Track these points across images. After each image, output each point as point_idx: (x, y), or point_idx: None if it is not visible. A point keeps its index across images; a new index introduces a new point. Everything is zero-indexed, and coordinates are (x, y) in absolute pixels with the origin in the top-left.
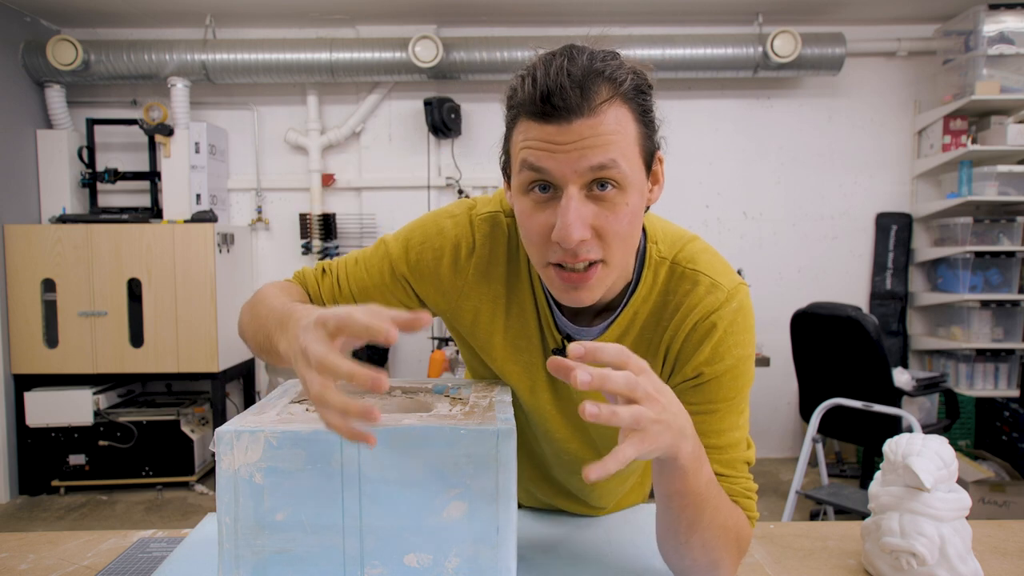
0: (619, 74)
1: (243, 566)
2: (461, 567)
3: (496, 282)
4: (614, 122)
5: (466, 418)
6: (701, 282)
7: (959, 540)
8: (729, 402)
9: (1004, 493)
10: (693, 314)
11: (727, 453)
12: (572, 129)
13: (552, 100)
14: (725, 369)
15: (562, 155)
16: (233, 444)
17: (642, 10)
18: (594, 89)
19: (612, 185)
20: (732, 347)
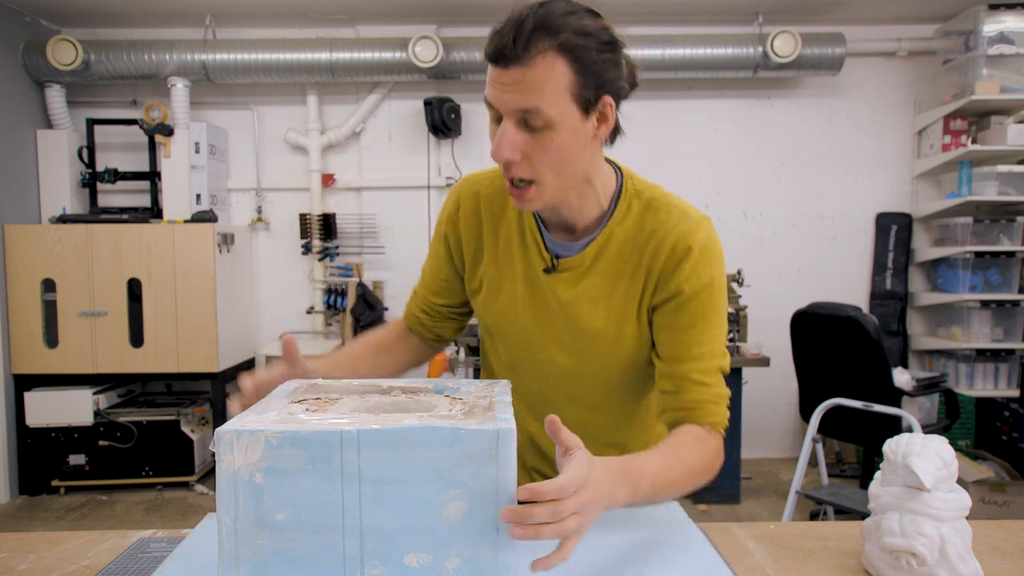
0: (562, 29)
1: (243, 566)
2: (461, 567)
3: (482, 223)
4: (544, 73)
5: (466, 418)
6: (672, 212)
7: (959, 540)
8: (707, 319)
9: (1004, 493)
10: (670, 238)
11: (705, 362)
12: (508, 73)
13: (499, 48)
14: (702, 286)
15: (500, 93)
16: (233, 444)
17: (642, 10)
18: (533, 42)
19: (539, 123)
20: (707, 266)
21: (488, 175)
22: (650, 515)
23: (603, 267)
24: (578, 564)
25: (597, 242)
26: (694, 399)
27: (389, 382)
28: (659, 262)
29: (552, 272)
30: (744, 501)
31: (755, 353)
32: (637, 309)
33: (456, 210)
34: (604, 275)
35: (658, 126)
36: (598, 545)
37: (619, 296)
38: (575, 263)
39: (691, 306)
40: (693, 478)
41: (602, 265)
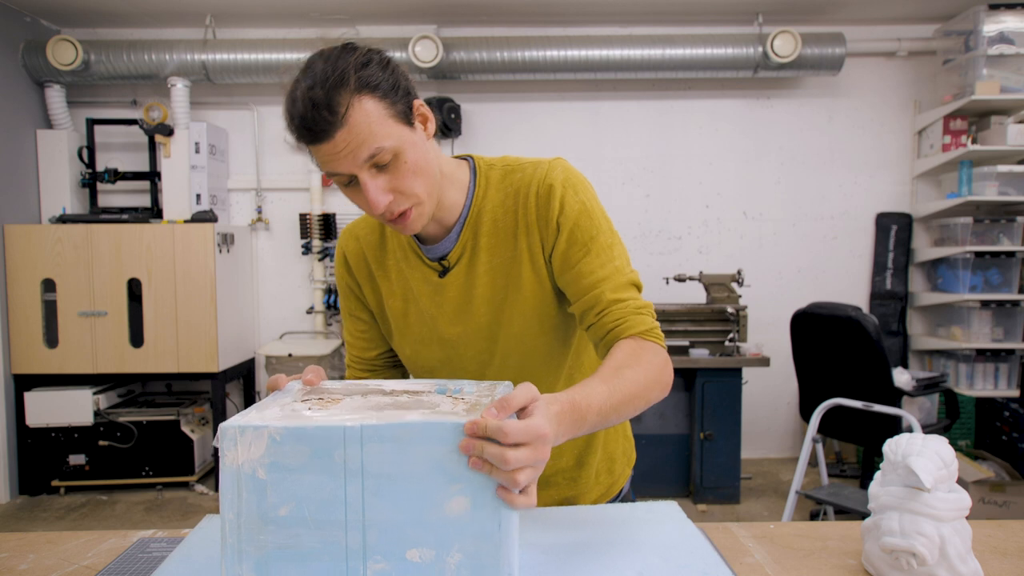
0: (347, 75)
1: (246, 561)
2: (463, 562)
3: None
4: (362, 119)
5: (468, 414)
6: (527, 167)
7: (959, 540)
8: (597, 242)
9: (1004, 493)
10: (532, 187)
11: (615, 279)
12: (336, 142)
13: (311, 127)
14: (577, 212)
15: (341, 160)
16: (237, 440)
17: (642, 10)
18: (335, 102)
19: (387, 160)
20: (573, 194)
21: (361, 219)
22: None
23: (484, 241)
24: (579, 563)
25: (469, 222)
26: (616, 316)
27: (391, 384)
28: (531, 210)
29: (446, 272)
30: (744, 501)
31: (755, 353)
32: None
33: (344, 264)
34: (488, 249)
35: (658, 126)
36: (598, 545)
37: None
38: (459, 252)
39: (577, 235)
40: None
41: (483, 240)
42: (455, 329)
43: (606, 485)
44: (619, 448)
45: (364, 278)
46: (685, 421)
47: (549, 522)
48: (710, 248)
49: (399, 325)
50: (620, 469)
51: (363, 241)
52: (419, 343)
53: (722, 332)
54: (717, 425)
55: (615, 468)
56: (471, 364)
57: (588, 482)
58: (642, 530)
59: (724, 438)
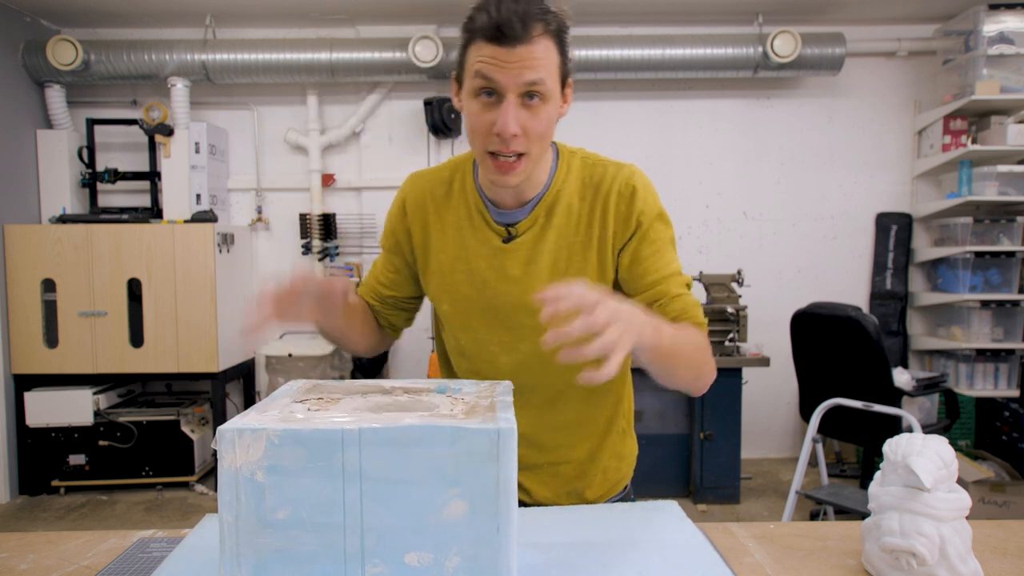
0: (549, 17)
1: (244, 564)
2: (461, 566)
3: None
4: (543, 51)
5: (467, 417)
6: (607, 165)
7: (959, 540)
8: (665, 242)
9: (1004, 493)
10: (616, 184)
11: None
12: (515, 52)
13: (504, 29)
14: (655, 215)
15: (507, 70)
16: (235, 442)
17: (642, 10)
18: (532, 24)
19: (538, 96)
20: (652, 199)
21: (430, 170)
22: (650, 515)
23: (557, 221)
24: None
25: (546, 200)
26: (679, 307)
27: (391, 382)
28: (611, 206)
29: (511, 240)
30: (744, 501)
31: (755, 353)
32: (598, 254)
33: (402, 206)
34: (559, 229)
35: (658, 126)
36: (598, 545)
37: (578, 246)
38: (528, 224)
39: (651, 235)
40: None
41: (556, 219)
42: (504, 300)
43: (612, 481)
44: (627, 448)
45: (418, 225)
46: (685, 421)
47: (549, 522)
48: (710, 248)
49: (443, 280)
50: (625, 469)
51: (428, 189)
52: (462, 302)
53: (722, 332)
54: (717, 425)
55: (622, 467)
56: (509, 334)
57: (596, 476)
58: (642, 530)
59: (724, 438)
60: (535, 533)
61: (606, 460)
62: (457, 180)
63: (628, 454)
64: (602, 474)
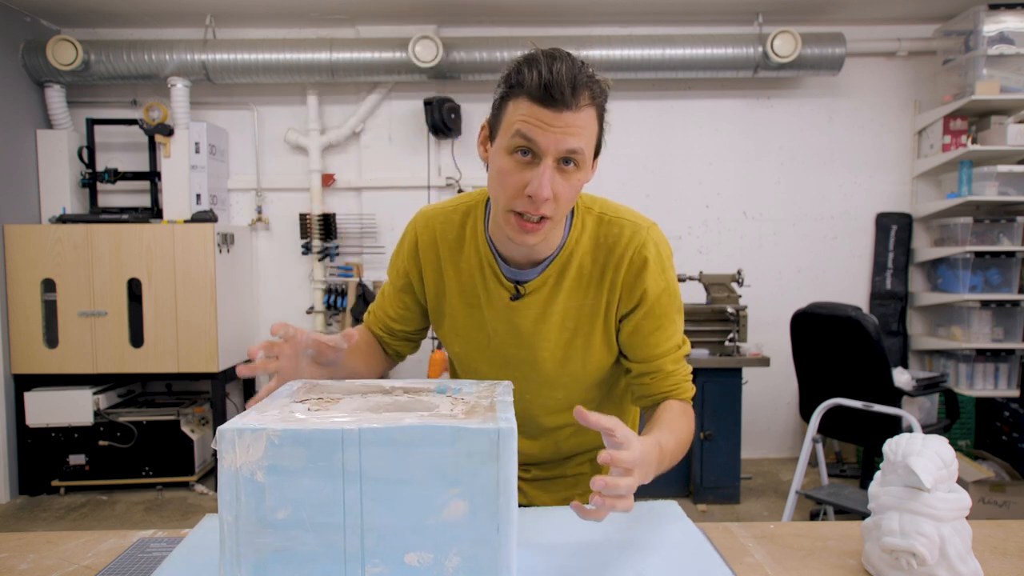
0: (595, 87)
1: (244, 564)
2: (461, 566)
3: (440, 258)
4: (587, 120)
5: (467, 417)
6: (624, 225)
7: (959, 540)
8: (669, 318)
9: (1004, 493)
10: (628, 251)
11: (675, 353)
12: (561, 117)
13: (553, 92)
14: (662, 289)
15: (550, 134)
16: (235, 442)
17: (642, 10)
18: (581, 92)
19: (574, 163)
20: (663, 271)
21: (441, 210)
22: (650, 515)
23: (568, 283)
24: (579, 563)
25: (559, 261)
26: (673, 383)
27: (391, 382)
28: (620, 275)
29: (519, 298)
30: (744, 501)
31: (755, 353)
32: (604, 319)
33: (415, 244)
34: (569, 291)
35: (658, 126)
36: (599, 544)
37: (587, 309)
38: (538, 284)
39: (656, 310)
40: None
41: (567, 282)
42: (513, 352)
43: None
44: None
45: (430, 268)
46: None
47: (549, 522)
48: (710, 248)
49: (455, 325)
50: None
51: (440, 231)
52: (473, 347)
53: (722, 332)
54: (717, 425)
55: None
56: (516, 384)
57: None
58: (642, 530)
59: (724, 438)
60: (535, 533)
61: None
62: (469, 225)
63: None
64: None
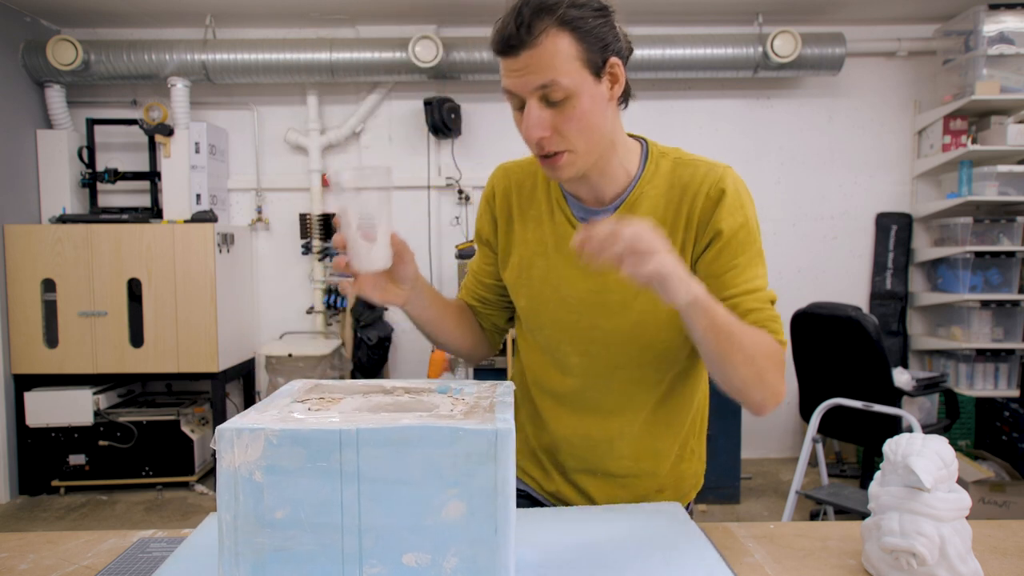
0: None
1: (242, 564)
2: (459, 567)
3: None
4: (551, 47)
5: (465, 418)
6: (699, 165)
7: (959, 540)
8: (747, 255)
9: (1004, 493)
10: (704, 185)
11: (755, 294)
12: (519, 59)
13: (507, 39)
14: (739, 224)
15: (517, 79)
16: (234, 442)
17: (642, 10)
18: (535, 24)
19: (559, 95)
20: (741, 206)
21: (519, 162)
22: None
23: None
24: (579, 563)
25: (628, 202)
26: (753, 321)
27: (392, 382)
28: (696, 209)
29: None
30: (744, 501)
31: None
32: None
33: (491, 198)
34: None
35: (658, 126)
36: (598, 545)
37: None
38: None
39: (732, 246)
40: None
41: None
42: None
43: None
44: (690, 469)
45: (504, 216)
46: None
47: (548, 522)
48: None
49: (521, 274)
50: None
51: (514, 182)
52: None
53: None
54: (717, 425)
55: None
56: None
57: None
58: (642, 530)
59: (724, 438)
60: (534, 533)
61: (663, 479)
62: (542, 173)
63: (690, 476)
64: (656, 494)
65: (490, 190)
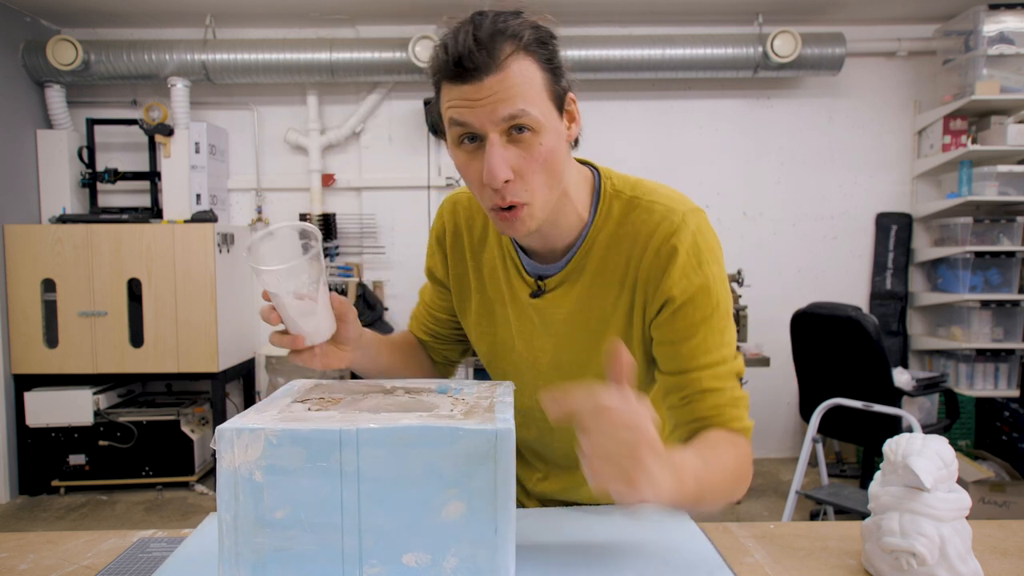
0: (520, 30)
1: (242, 564)
2: (459, 567)
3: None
4: (519, 74)
5: (465, 418)
6: (655, 210)
7: (959, 540)
8: (708, 322)
9: (1004, 493)
10: (653, 240)
11: (717, 368)
12: (484, 86)
13: (463, 63)
14: (696, 290)
15: (479, 109)
16: (233, 442)
17: (642, 10)
18: (498, 47)
19: (527, 129)
20: (697, 267)
21: (466, 199)
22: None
23: (588, 279)
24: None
25: (579, 253)
26: (711, 405)
27: (392, 382)
28: (644, 267)
29: (540, 295)
30: (744, 501)
31: (755, 353)
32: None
33: (442, 232)
34: (591, 288)
35: (658, 126)
36: (598, 545)
37: (609, 306)
38: (560, 280)
39: (687, 312)
40: (732, 482)
41: (587, 277)
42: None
43: None
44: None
45: (456, 258)
46: None
47: (549, 522)
48: None
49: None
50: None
51: (464, 220)
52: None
53: None
54: None
55: None
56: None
57: None
58: (642, 530)
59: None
60: (534, 533)
61: None
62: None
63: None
64: None
65: (440, 227)
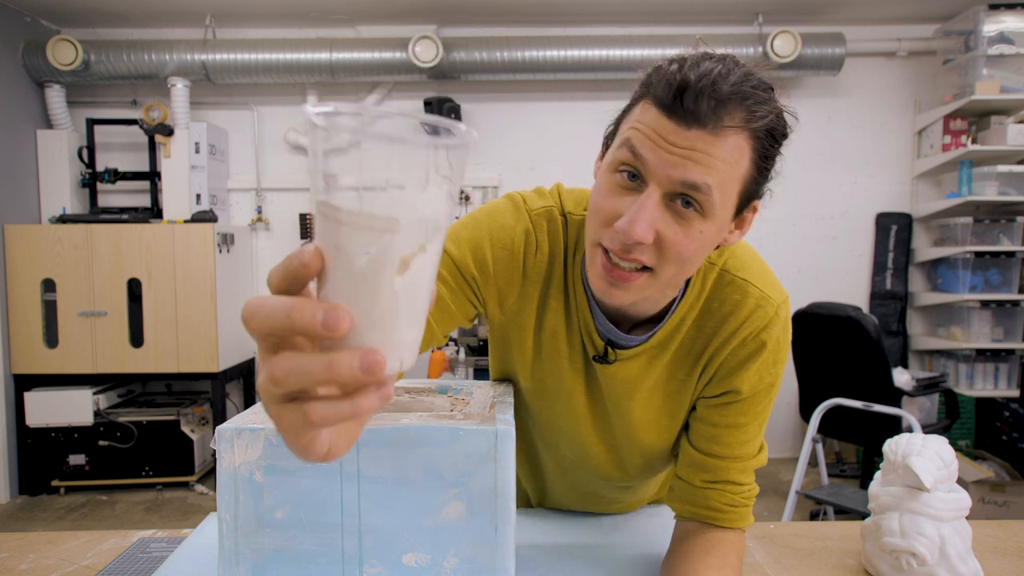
0: (760, 109)
1: (243, 563)
2: (459, 567)
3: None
4: (728, 149)
5: (465, 418)
6: (751, 293)
7: (959, 540)
8: (758, 417)
9: (1004, 493)
10: (743, 329)
11: (746, 462)
12: (687, 135)
13: (684, 98)
14: (763, 388)
15: (665, 154)
16: (234, 442)
17: (642, 10)
18: (730, 110)
19: (695, 206)
20: (774, 365)
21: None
22: (651, 515)
23: (666, 356)
24: (579, 564)
25: (665, 330)
26: (727, 502)
27: None
28: (722, 354)
29: (602, 362)
30: None
31: None
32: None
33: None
34: (664, 364)
35: None
36: (598, 545)
37: (676, 385)
38: (636, 353)
39: (745, 406)
40: None
41: (666, 354)
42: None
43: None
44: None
45: (509, 284)
46: None
47: (548, 523)
48: None
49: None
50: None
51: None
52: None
53: None
54: None
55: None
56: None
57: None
58: (643, 530)
59: None
60: (534, 534)
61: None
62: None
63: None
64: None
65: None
